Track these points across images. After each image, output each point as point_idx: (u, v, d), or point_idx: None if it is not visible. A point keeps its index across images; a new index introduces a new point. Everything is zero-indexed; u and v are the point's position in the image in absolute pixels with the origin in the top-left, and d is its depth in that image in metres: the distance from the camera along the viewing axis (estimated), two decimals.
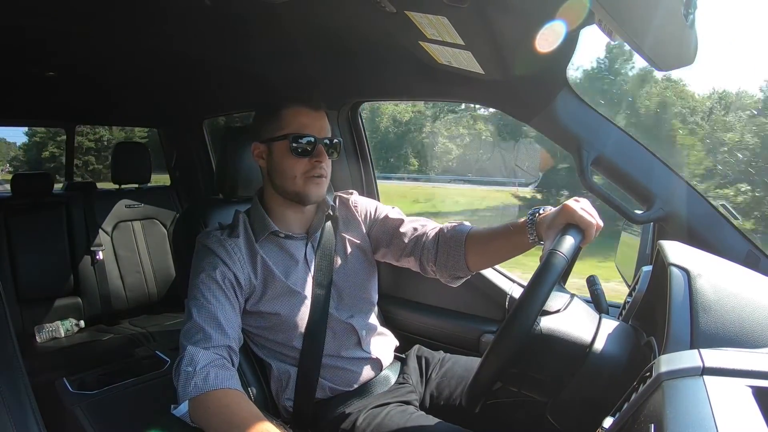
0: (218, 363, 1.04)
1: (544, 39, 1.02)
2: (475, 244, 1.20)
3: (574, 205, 0.97)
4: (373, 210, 1.38)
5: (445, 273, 1.25)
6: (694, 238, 1.19)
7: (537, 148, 8.34)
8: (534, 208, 1.10)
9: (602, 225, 0.98)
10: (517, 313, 0.84)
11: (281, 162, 1.21)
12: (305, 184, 1.20)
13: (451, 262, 1.22)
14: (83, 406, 1.27)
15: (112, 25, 1.51)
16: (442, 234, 1.25)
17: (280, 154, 1.20)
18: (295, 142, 1.18)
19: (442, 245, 1.24)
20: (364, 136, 1.97)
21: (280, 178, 1.22)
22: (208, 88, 2.40)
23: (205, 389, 0.99)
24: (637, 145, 1.27)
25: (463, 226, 1.25)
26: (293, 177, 1.20)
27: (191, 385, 1.00)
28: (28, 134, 9.78)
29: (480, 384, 0.91)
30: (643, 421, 0.57)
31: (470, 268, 1.22)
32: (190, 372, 1.01)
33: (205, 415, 0.99)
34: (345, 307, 1.30)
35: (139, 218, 2.93)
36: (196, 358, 1.03)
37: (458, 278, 1.26)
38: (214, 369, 1.02)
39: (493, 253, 1.20)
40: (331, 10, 1.28)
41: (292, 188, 1.21)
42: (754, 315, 0.72)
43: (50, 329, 2.51)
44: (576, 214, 0.96)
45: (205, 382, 1.00)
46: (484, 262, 1.24)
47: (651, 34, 0.85)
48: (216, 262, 1.16)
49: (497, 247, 1.18)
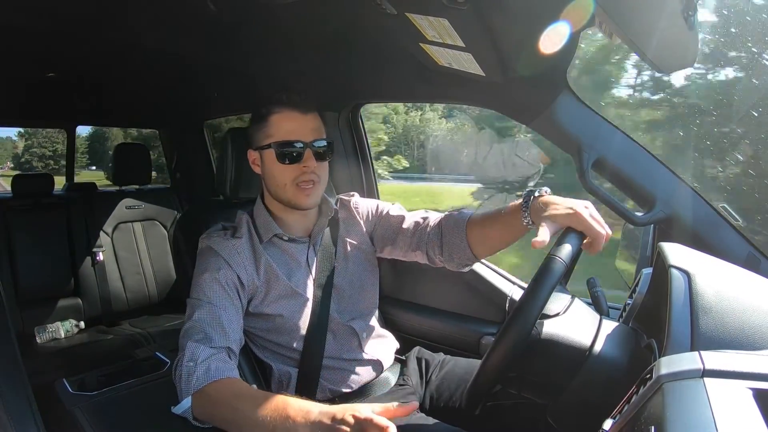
0: (219, 357, 1.04)
1: (546, 41, 1.02)
2: (476, 230, 1.19)
3: (584, 212, 0.94)
4: (374, 209, 1.38)
5: (452, 263, 1.24)
6: (694, 240, 1.19)
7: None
8: (529, 189, 1.06)
9: (611, 234, 0.95)
10: (516, 319, 0.84)
11: (271, 169, 1.20)
12: (295, 192, 1.19)
13: (457, 252, 1.21)
14: (83, 407, 1.26)
15: (113, 26, 1.51)
16: (444, 223, 1.24)
17: (269, 162, 1.20)
18: (281, 151, 1.17)
19: (446, 235, 1.23)
20: (365, 137, 1.97)
21: (272, 186, 1.22)
22: (209, 90, 2.40)
23: (208, 380, 0.99)
24: (638, 147, 1.27)
25: (462, 213, 1.23)
26: (283, 185, 1.19)
27: (193, 379, 0.99)
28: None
29: (480, 386, 0.91)
30: (644, 424, 0.57)
31: (477, 256, 1.21)
32: (191, 367, 1.00)
33: (209, 406, 0.98)
34: (346, 310, 1.29)
35: (139, 219, 2.93)
36: (197, 353, 1.02)
37: (466, 265, 1.26)
38: (215, 362, 1.02)
39: (494, 238, 1.18)
40: (332, 12, 1.29)
41: (283, 195, 1.21)
42: (754, 317, 0.72)
43: (50, 330, 2.51)
44: (586, 223, 0.92)
45: (207, 374, 0.99)
46: (487, 248, 1.22)
47: (652, 37, 0.85)
48: (219, 263, 1.16)
49: (496, 232, 1.16)
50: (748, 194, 2.04)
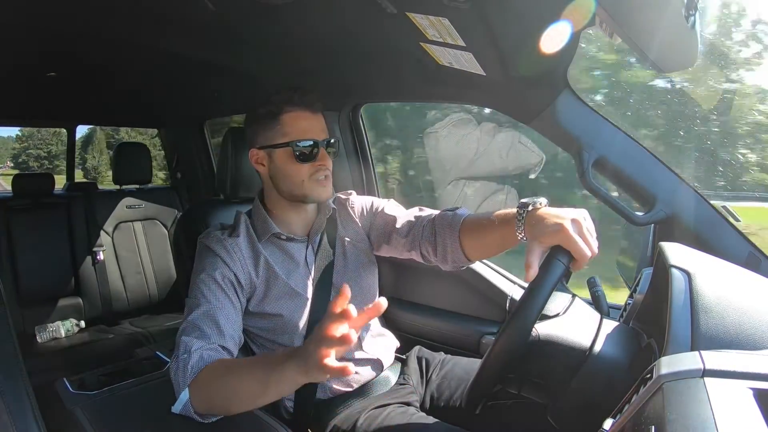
0: (210, 347, 1.03)
1: (547, 40, 1.01)
2: (469, 235, 1.16)
3: (572, 230, 0.88)
4: (368, 205, 1.38)
5: (446, 264, 1.23)
6: (695, 240, 1.19)
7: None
8: (523, 201, 1.00)
9: (597, 253, 0.90)
10: (514, 321, 0.85)
11: (285, 168, 1.20)
12: (313, 187, 1.20)
13: (450, 254, 1.19)
14: (83, 406, 1.26)
15: (113, 25, 1.51)
16: (438, 223, 1.22)
17: (283, 160, 1.20)
18: (298, 149, 1.18)
19: (440, 235, 1.20)
20: (365, 136, 1.97)
21: (286, 183, 1.22)
22: (210, 90, 2.40)
23: (201, 366, 0.98)
24: (638, 146, 1.27)
25: (457, 214, 1.20)
26: (300, 181, 1.20)
27: (189, 369, 0.98)
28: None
29: (480, 386, 0.91)
30: (644, 423, 0.57)
31: (469, 259, 1.19)
32: (185, 358, 1.00)
33: (206, 391, 0.97)
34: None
35: (140, 219, 2.93)
36: (190, 345, 1.02)
37: (462, 267, 1.24)
38: (207, 351, 1.01)
39: (487, 245, 1.15)
40: (332, 12, 1.28)
41: (300, 191, 1.21)
42: (754, 317, 0.72)
43: (51, 329, 2.52)
44: (572, 242, 0.87)
45: (201, 360, 0.99)
46: (480, 253, 1.19)
47: (652, 36, 0.85)
48: (216, 262, 1.16)
49: (490, 240, 1.13)
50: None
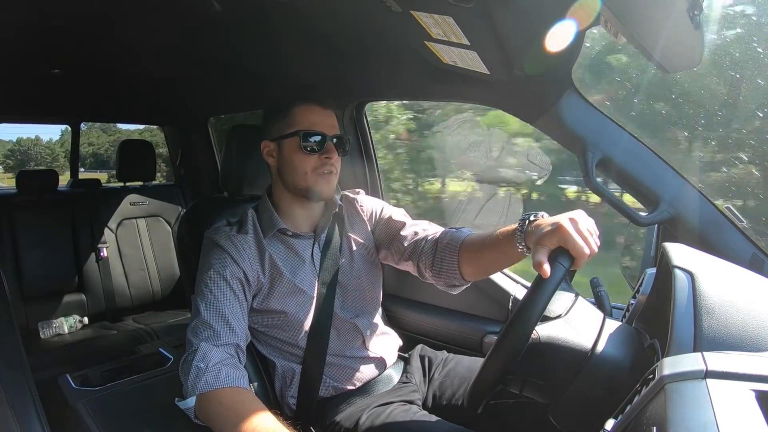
0: (229, 362, 1.05)
1: (552, 39, 1.01)
2: (469, 253, 1.16)
3: (570, 227, 0.87)
4: (378, 210, 1.38)
5: (440, 281, 1.23)
6: (698, 241, 1.19)
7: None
8: (524, 215, 1.00)
9: (596, 251, 0.89)
10: (516, 322, 0.85)
11: (291, 158, 1.21)
12: (315, 180, 1.21)
13: (446, 271, 1.20)
14: (86, 402, 1.27)
15: (118, 23, 1.51)
16: (440, 240, 1.23)
17: (290, 150, 1.21)
18: (305, 139, 1.19)
19: (439, 252, 1.21)
20: (369, 135, 1.98)
21: (291, 175, 1.23)
22: (214, 87, 2.40)
23: (216, 386, 1.00)
24: (643, 146, 1.27)
25: (460, 232, 1.21)
26: (304, 173, 1.21)
27: (201, 381, 1.00)
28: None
29: (482, 386, 0.91)
30: (646, 424, 0.57)
31: (465, 278, 1.19)
32: (201, 368, 1.01)
33: (212, 412, 0.99)
34: (350, 307, 1.30)
35: (143, 216, 2.94)
36: (209, 355, 1.03)
37: (454, 286, 1.23)
38: (226, 368, 1.03)
39: (486, 263, 1.16)
40: (337, 10, 1.28)
41: (303, 184, 1.22)
42: (757, 318, 0.71)
43: (54, 326, 2.53)
44: (570, 239, 0.87)
45: (216, 380, 1.00)
46: (478, 272, 1.19)
47: (657, 36, 0.85)
48: (224, 258, 1.17)
49: (490, 257, 1.13)
50: (753, 195, 2.02)
